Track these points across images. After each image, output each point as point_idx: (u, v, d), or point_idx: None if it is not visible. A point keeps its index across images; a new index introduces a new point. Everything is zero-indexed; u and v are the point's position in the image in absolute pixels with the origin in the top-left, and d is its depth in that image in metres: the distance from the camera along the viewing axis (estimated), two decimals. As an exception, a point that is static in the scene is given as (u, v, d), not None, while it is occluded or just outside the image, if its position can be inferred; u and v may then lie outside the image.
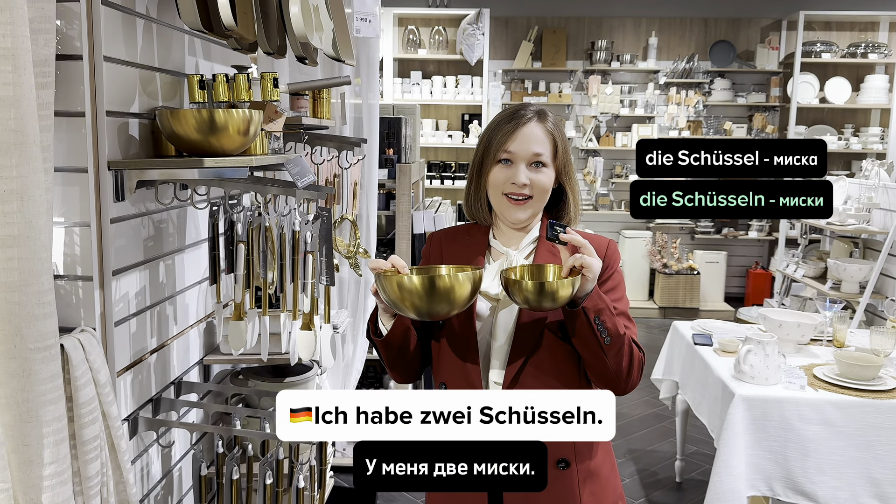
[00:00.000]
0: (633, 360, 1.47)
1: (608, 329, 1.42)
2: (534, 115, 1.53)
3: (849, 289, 4.36)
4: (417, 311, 1.34)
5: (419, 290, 1.31)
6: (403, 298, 1.32)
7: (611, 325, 1.42)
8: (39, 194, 1.16)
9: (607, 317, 1.42)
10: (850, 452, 2.45)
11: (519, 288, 1.36)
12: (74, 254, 1.43)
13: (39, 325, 1.18)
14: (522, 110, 1.53)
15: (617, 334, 1.43)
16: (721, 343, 2.96)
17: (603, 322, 1.42)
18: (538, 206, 1.54)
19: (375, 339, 1.52)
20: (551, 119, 1.54)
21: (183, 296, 1.90)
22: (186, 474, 1.97)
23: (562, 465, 1.50)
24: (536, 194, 1.51)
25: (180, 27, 1.77)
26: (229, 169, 1.53)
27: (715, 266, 6.96)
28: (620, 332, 1.43)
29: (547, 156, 1.51)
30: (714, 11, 7.10)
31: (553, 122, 1.54)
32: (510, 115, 1.53)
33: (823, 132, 7.05)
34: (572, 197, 1.58)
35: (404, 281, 1.32)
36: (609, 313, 1.42)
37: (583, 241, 1.41)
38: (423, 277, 1.32)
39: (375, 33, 2.55)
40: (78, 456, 1.32)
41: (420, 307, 1.33)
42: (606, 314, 1.42)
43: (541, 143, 1.51)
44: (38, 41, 1.20)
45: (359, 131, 2.95)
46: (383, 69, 6.57)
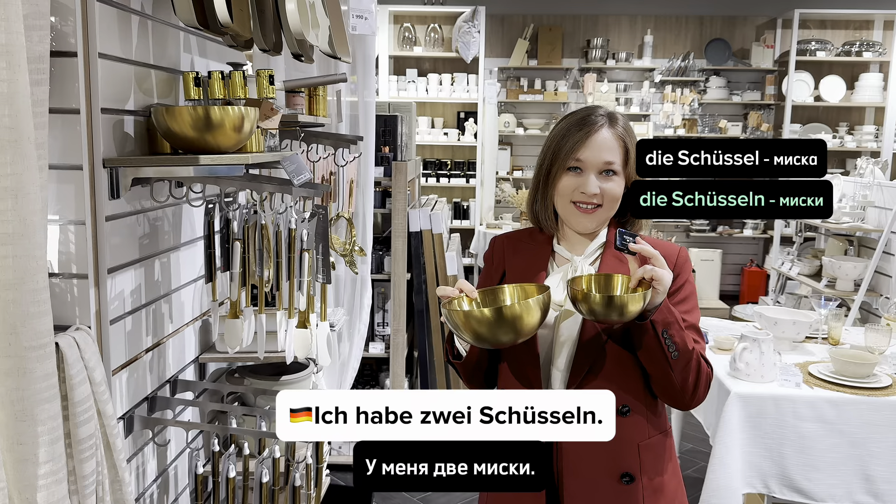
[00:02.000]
0: (701, 375, 1.43)
1: (676, 343, 1.37)
2: (605, 121, 1.48)
3: (844, 286, 4.38)
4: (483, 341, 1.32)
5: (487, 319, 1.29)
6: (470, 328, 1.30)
7: (679, 339, 1.37)
8: (34, 192, 1.15)
9: (676, 331, 1.37)
10: (845, 450, 2.46)
11: (586, 300, 1.32)
12: (69, 252, 1.43)
13: (34, 324, 1.17)
14: (593, 115, 1.48)
15: (685, 349, 1.38)
16: (716, 341, 2.96)
17: (671, 336, 1.37)
18: (607, 215, 1.50)
19: (455, 362, 1.51)
20: (622, 123, 1.50)
21: (179, 294, 1.90)
22: (182, 473, 1.96)
23: (626, 480, 1.46)
24: (606, 203, 1.48)
25: (176, 24, 1.76)
26: (225, 166, 1.52)
27: (710, 264, 6.97)
28: (689, 347, 1.39)
29: (618, 163, 1.47)
30: (709, 9, 7.10)
31: (624, 127, 1.50)
32: (580, 121, 1.48)
33: (818, 130, 7.06)
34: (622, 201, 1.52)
35: (474, 313, 1.30)
36: (678, 327, 1.37)
37: (653, 252, 1.36)
38: (491, 309, 1.29)
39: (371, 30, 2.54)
40: (73, 455, 1.31)
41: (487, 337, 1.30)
42: (675, 328, 1.37)
43: (612, 151, 1.47)
44: (33, 37, 1.19)
45: (355, 129, 2.94)
46: (379, 67, 6.55)
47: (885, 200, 4.28)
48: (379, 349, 3.56)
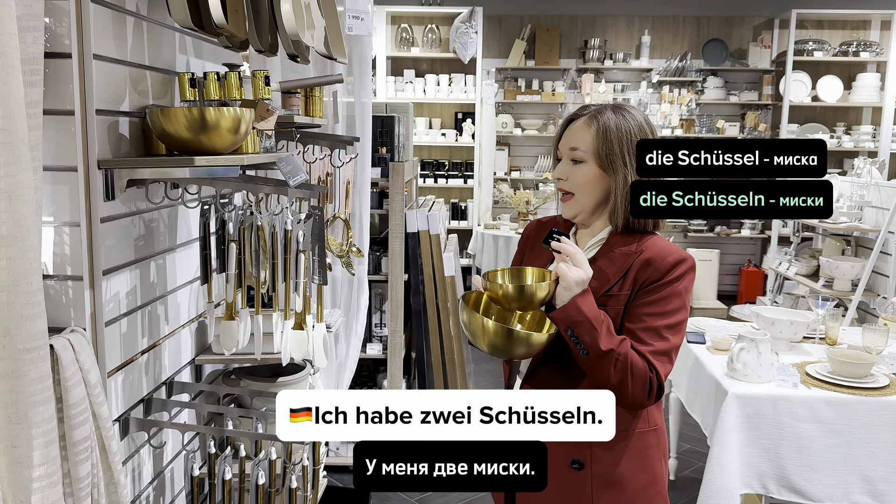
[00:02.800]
0: (631, 378, 1.41)
1: (585, 343, 1.39)
2: (591, 113, 1.52)
3: (841, 286, 4.38)
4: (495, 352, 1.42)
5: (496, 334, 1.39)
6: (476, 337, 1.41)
7: (588, 339, 1.39)
8: (28, 193, 1.15)
9: (584, 330, 1.39)
10: (843, 450, 2.46)
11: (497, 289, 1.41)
12: (64, 253, 1.42)
13: (28, 326, 1.17)
14: (585, 108, 1.54)
15: (597, 350, 1.39)
16: (714, 341, 2.96)
17: (578, 336, 1.39)
18: (583, 204, 1.53)
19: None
20: (608, 116, 1.50)
21: (174, 295, 1.89)
22: (178, 475, 1.96)
23: (575, 466, 1.50)
24: (577, 191, 1.52)
25: (171, 25, 1.76)
26: (220, 168, 1.52)
27: (708, 264, 6.97)
28: (603, 349, 1.39)
29: (585, 150, 1.50)
30: (707, 10, 7.11)
31: (612, 120, 1.50)
32: (573, 113, 1.56)
33: (816, 130, 7.07)
34: (616, 198, 1.52)
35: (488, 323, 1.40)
36: (588, 327, 1.39)
37: (570, 251, 1.40)
38: (500, 326, 1.39)
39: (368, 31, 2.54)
40: (68, 457, 1.31)
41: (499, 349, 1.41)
42: (584, 327, 1.39)
43: (580, 139, 1.50)
44: (27, 39, 1.18)
45: (351, 130, 2.93)
46: (376, 67, 6.55)
47: (882, 200, 4.28)
48: (376, 350, 3.56)
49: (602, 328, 1.40)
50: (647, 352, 1.43)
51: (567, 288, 1.40)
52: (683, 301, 1.49)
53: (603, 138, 1.49)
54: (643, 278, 1.47)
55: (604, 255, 1.53)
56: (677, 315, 1.48)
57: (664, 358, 1.45)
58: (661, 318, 1.46)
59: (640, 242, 1.52)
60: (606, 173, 1.50)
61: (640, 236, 1.53)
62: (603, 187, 1.51)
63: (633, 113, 1.52)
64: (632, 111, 1.53)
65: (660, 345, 1.45)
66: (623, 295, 1.48)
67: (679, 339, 1.48)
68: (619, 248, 1.51)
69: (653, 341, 1.45)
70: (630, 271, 1.48)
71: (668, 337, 1.46)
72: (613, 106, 1.53)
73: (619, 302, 1.48)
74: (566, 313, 1.40)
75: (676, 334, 1.48)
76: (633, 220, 1.51)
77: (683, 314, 1.49)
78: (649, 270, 1.47)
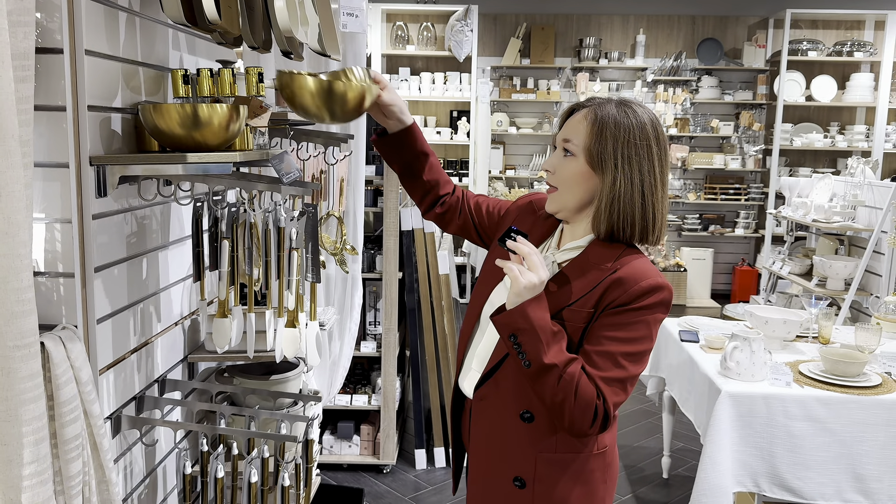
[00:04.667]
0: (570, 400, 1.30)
1: (527, 353, 1.29)
2: (591, 105, 1.40)
3: (834, 286, 4.39)
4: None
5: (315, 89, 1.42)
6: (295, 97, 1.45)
7: (531, 349, 1.29)
8: (18, 190, 1.14)
9: (528, 339, 1.29)
10: (836, 448, 2.47)
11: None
12: (55, 250, 1.41)
13: (19, 323, 1.16)
14: (590, 100, 1.42)
15: (539, 363, 1.29)
16: (707, 340, 2.97)
17: (521, 344, 1.29)
18: (565, 201, 1.42)
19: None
20: (611, 112, 1.37)
21: (167, 293, 1.88)
22: (171, 473, 1.95)
23: (517, 484, 1.45)
24: (560, 185, 1.41)
25: (164, 21, 1.75)
26: (213, 164, 1.51)
27: (701, 263, 6.99)
28: (546, 363, 1.28)
29: (577, 144, 1.39)
30: (702, 9, 7.12)
31: (611, 116, 1.37)
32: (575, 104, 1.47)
33: (809, 130, 7.09)
34: (600, 202, 1.38)
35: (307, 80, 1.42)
36: (533, 336, 1.28)
37: (526, 251, 1.31)
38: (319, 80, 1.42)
39: (362, 28, 2.53)
40: (59, 455, 1.30)
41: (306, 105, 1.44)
42: (528, 336, 1.28)
43: (576, 131, 1.39)
44: (17, 34, 1.18)
45: (346, 127, 2.93)
46: (371, 65, 6.54)
47: (875, 200, 4.29)
48: (371, 348, 3.56)
49: (549, 340, 1.30)
50: (598, 377, 1.32)
51: (518, 294, 1.29)
52: (650, 331, 1.36)
53: (597, 134, 1.36)
54: (610, 298, 1.35)
55: (578, 264, 1.41)
56: (640, 344, 1.35)
57: (617, 387, 1.33)
58: (621, 343, 1.33)
59: (618, 259, 1.38)
60: (595, 172, 1.38)
61: (623, 250, 1.40)
62: (589, 187, 1.39)
63: (637, 111, 1.39)
64: (637, 109, 1.39)
65: (614, 372, 1.33)
66: (585, 312, 1.36)
67: (638, 369, 1.36)
68: (595, 259, 1.39)
69: (607, 367, 1.33)
70: (598, 288, 1.36)
71: (626, 365, 1.33)
72: (620, 101, 1.41)
73: (580, 319, 1.36)
74: (510, 318, 1.30)
75: (635, 364, 1.35)
76: (617, 230, 1.38)
77: (647, 344, 1.36)
78: (618, 291, 1.34)
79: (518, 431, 1.44)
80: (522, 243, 1.32)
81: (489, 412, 1.49)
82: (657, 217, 1.39)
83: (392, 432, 3.57)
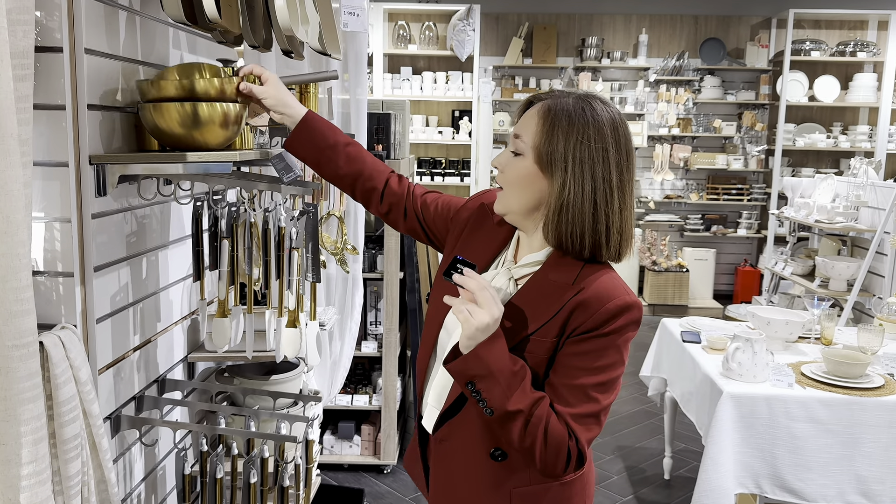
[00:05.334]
0: (540, 444, 1.20)
1: (487, 400, 1.18)
2: (547, 99, 1.27)
3: (837, 286, 4.38)
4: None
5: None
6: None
7: (492, 396, 1.17)
8: (18, 189, 1.14)
9: (487, 386, 1.17)
10: (837, 450, 2.46)
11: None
12: (55, 250, 1.41)
13: (17, 322, 1.16)
14: (548, 94, 1.29)
15: (502, 411, 1.17)
16: (709, 340, 2.96)
17: (480, 392, 1.18)
18: (510, 204, 1.29)
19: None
20: (566, 108, 1.23)
21: (167, 292, 1.88)
22: (170, 473, 1.95)
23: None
24: (506, 185, 1.28)
25: (164, 20, 1.75)
26: (213, 164, 1.51)
27: (704, 263, 6.98)
28: (510, 409, 1.17)
29: (526, 142, 1.25)
30: (704, 9, 7.10)
31: (565, 113, 1.22)
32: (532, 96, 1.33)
33: (812, 130, 7.07)
34: (548, 210, 1.25)
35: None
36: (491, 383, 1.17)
37: (474, 287, 1.17)
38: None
39: (363, 28, 2.53)
40: (58, 455, 1.30)
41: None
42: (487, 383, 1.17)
43: (527, 127, 1.26)
44: (17, 32, 1.17)
45: (346, 127, 2.92)
46: (373, 64, 6.54)
47: (878, 201, 4.28)
48: (371, 348, 3.55)
49: (511, 383, 1.18)
50: (568, 415, 1.21)
51: (470, 337, 1.17)
52: (620, 355, 1.24)
53: (548, 132, 1.22)
54: (575, 324, 1.22)
55: (537, 283, 1.28)
56: (611, 371, 1.23)
57: (590, 421, 1.23)
58: (591, 374, 1.22)
59: (580, 276, 1.25)
60: (544, 174, 1.24)
61: (584, 266, 1.26)
62: (536, 190, 1.25)
63: (597, 109, 1.23)
64: (598, 106, 1.23)
65: (586, 407, 1.22)
66: (548, 342, 1.24)
67: (610, 398, 1.25)
68: (555, 277, 1.26)
69: (578, 402, 1.22)
70: (561, 313, 1.23)
71: (597, 397, 1.22)
72: (582, 95, 1.25)
73: (543, 350, 1.25)
74: (465, 366, 1.18)
75: (607, 393, 1.24)
76: (566, 243, 1.24)
77: (618, 370, 1.25)
78: (583, 316, 1.22)
79: (489, 471, 1.33)
80: (471, 277, 1.18)
81: (452, 456, 1.37)
82: (612, 231, 1.23)
83: (393, 432, 3.56)
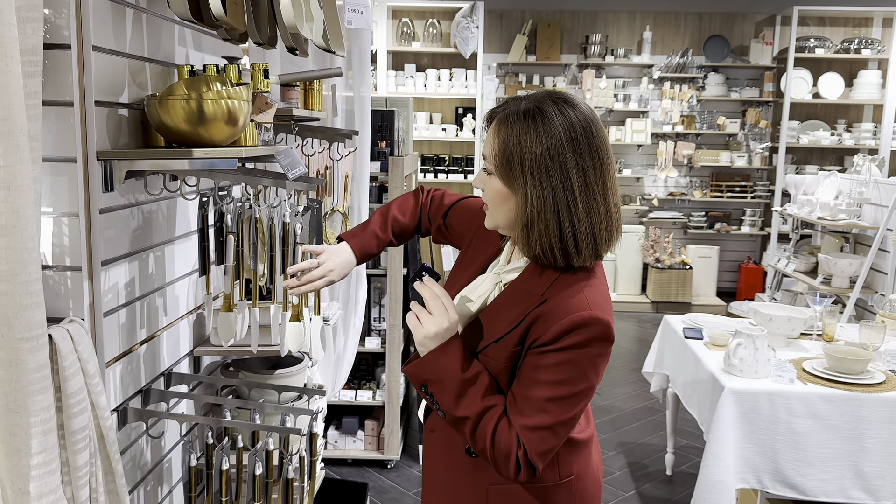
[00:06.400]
0: (488, 450, 1.22)
1: (439, 403, 1.23)
2: (500, 116, 1.26)
3: (839, 283, 4.39)
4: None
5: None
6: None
7: (442, 400, 1.23)
8: (27, 184, 1.15)
9: (438, 390, 1.22)
10: (839, 446, 2.47)
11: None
12: (63, 244, 1.43)
13: (27, 315, 1.18)
14: (504, 106, 1.27)
15: (451, 415, 1.23)
16: (711, 337, 2.97)
17: (432, 395, 1.24)
18: (496, 220, 1.30)
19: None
20: (516, 124, 1.22)
21: (173, 287, 1.90)
22: (176, 465, 1.97)
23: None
24: (488, 203, 1.30)
25: (170, 17, 1.76)
26: (219, 160, 1.52)
27: (707, 261, 6.98)
28: (458, 415, 1.22)
29: (491, 162, 1.27)
30: (708, 6, 7.10)
31: (514, 130, 1.21)
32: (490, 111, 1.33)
33: (816, 128, 7.07)
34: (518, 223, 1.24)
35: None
36: (441, 387, 1.22)
37: (428, 296, 1.22)
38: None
39: (367, 25, 2.54)
40: (66, 446, 1.32)
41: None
42: (437, 387, 1.22)
43: (488, 146, 1.28)
44: (26, 30, 1.19)
45: (350, 123, 2.94)
46: (377, 62, 6.55)
47: (881, 198, 4.28)
48: (375, 344, 3.57)
49: (461, 390, 1.21)
50: (520, 425, 1.21)
51: (420, 343, 1.23)
52: (582, 371, 1.20)
53: (501, 152, 1.23)
54: (533, 337, 1.23)
55: (512, 290, 1.30)
56: (569, 386, 1.20)
57: (543, 433, 1.20)
58: (546, 387, 1.20)
59: (553, 286, 1.25)
60: (511, 191, 1.24)
61: (558, 275, 1.26)
62: (511, 206, 1.26)
63: (549, 115, 1.20)
64: (549, 113, 1.20)
65: (538, 419, 1.20)
66: (510, 351, 1.25)
67: (569, 413, 1.21)
68: (528, 285, 1.28)
69: (531, 413, 1.20)
70: (523, 323, 1.24)
71: (552, 410, 1.20)
72: (530, 108, 1.22)
73: (504, 357, 1.26)
74: (418, 370, 1.23)
75: (565, 408, 1.21)
76: (542, 255, 1.24)
77: (579, 385, 1.21)
78: (540, 329, 1.22)
79: (466, 465, 1.37)
80: (428, 285, 1.23)
81: (438, 446, 1.44)
82: (579, 237, 1.21)
83: (396, 428, 3.58)
